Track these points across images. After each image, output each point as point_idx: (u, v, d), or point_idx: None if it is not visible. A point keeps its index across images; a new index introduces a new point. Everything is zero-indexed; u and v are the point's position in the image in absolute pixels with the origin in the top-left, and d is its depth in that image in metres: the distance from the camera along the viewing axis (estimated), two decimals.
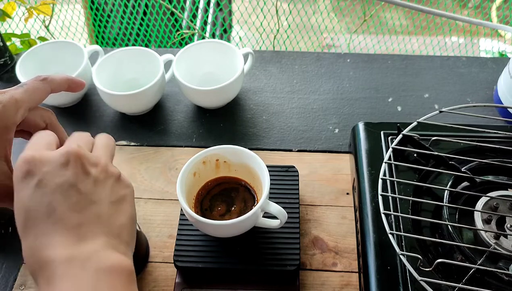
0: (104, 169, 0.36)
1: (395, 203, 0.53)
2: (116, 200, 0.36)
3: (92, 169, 0.36)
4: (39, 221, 0.33)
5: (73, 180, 0.34)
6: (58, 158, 0.34)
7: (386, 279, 0.48)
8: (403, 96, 0.76)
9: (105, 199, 0.35)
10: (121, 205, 0.36)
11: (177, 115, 0.74)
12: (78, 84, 0.44)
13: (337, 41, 1.51)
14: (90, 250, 0.32)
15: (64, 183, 0.34)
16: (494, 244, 0.47)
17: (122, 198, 0.37)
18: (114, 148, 0.41)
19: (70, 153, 0.35)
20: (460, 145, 0.56)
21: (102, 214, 0.35)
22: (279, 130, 0.72)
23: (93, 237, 0.33)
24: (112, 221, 0.35)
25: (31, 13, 0.89)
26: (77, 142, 0.36)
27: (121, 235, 0.35)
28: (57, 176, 0.34)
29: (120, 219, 0.36)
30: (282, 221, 0.51)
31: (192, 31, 1.23)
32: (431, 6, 0.96)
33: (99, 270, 0.32)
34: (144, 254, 0.57)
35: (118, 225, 0.35)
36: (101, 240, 0.33)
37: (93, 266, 0.32)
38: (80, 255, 0.32)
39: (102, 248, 0.33)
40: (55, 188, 0.33)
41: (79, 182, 0.34)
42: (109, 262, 0.33)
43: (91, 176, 0.35)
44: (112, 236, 0.35)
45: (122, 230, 0.36)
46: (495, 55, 1.40)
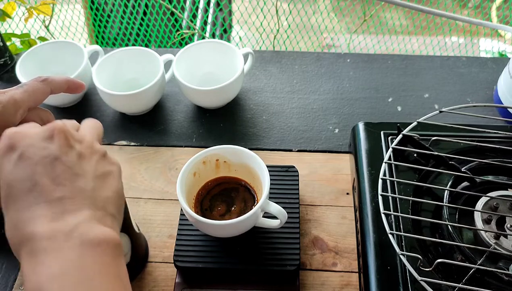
0: (89, 145, 0.36)
1: (395, 203, 0.53)
2: (101, 174, 0.35)
3: (77, 144, 0.35)
4: (21, 195, 0.32)
5: (57, 153, 0.33)
6: (41, 132, 0.34)
7: (386, 279, 0.48)
8: (403, 96, 0.76)
9: (90, 172, 0.34)
10: (107, 179, 0.36)
11: (177, 115, 0.74)
12: (77, 85, 0.44)
13: (337, 41, 1.51)
14: (73, 223, 0.32)
15: (47, 155, 0.33)
16: (494, 244, 0.47)
17: (108, 173, 0.36)
18: (101, 130, 0.40)
19: (54, 127, 0.34)
20: (460, 145, 0.56)
21: (86, 187, 0.34)
22: (279, 130, 0.72)
23: (76, 210, 0.32)
24: (97, 194, 0.34)
25: (31, 13, 0.89)
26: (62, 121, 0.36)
27: (106, 208, 0.34)
28: (40, 148, 0.33)
29: (105, 192, 0.35)
30: (282, 221, 0.51)
31: (192, 31, 1.23)
32: (431, 6, 0.96)
33: (83, 242, 0.31)
34: (144, 255, 0.57)
35: (103, 197, 0.34)
36: (85, 213, 0.33)
37: (77, 239, 0.31)
38: (63, 228, 0.31)
39: (86, 220, 0.32)
40: (38, 161, 0.33)
41: (63, 154, 0.33)
42: (93, 234, 0.32)
43: (75, 150, 0.34)
44: (96, 208, 0.34)
45: (108, 203, 0.35)
46: (495, 55, 1.40)
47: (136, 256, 0.54)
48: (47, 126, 0.34)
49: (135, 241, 0.53)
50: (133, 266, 0.55)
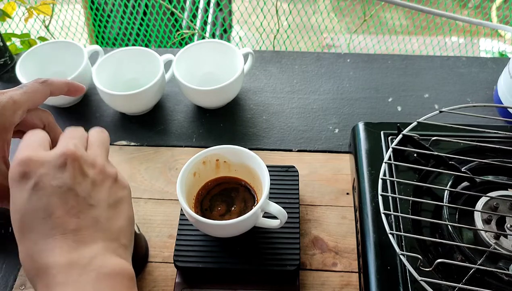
0: (102, 170, 0.36)
1: (395, 203, 0.53)
2: (114, 202, 0.36)
3: (90, 170, 0.35)
4: (36, 226, 0.32)
5: (71, 183, 0.33)
6: (55, 159, 0.34)
7: (386, 279, 0.48)
8: (403, 96, 0.76)
9: (103, 201, 0.35)
10: (119, 207, 0.36)
11: (177, 115, 0.74)
12: (77, 88, 0.44)
13: (337, 41, 1.51)
14: (89, 255, 0.32)
15: (61, 185, 0.33)
16: (494, 244, 0.46)
17: (120, 200, 0.36)
18: (108, 142, 0.40)
19: (67, 154, 0.34)
20: (460, 145, 0.56)
21: (100, 218, 0.34)
22: (279, 130, 0.72)
23: (91, 241, 0.33)
24: (111, 225, 0.35)
25: (31, 13, 0.89)
26: (73, 141, 0.36)
27: (120, 238, 0.35)
28: (54, 178, 0.33)
29: (119, 222, 0.35)
30: (282, 221, 0.51)
31: (192, 31, 1.23)
32: (431, 6, 0.96)
33: (99, 275, 0.31)
34: (143, 256, 0.57)
35: (116, 228, 0.35)
36: (100, 245, 0.33)
37: (93, 272, 0.31)
38: (79, 261, 0.31)
39: (101, 252, 0.33)
40: (52, 191, 0.32)
41: (77, 184, 0.33)
42: (109, 266, 0.32)
43: (89, 178, 0.34)
44: (110, 240, 0.34)
45: (121, 233, 0.35)
46: (495, 55, 1.40)
47: (136, 257, 0.54)
48: (59, 151, 0.34)
49: (135, 242, 0.53)
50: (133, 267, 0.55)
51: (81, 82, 0.73)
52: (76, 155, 0.34)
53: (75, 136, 0.37)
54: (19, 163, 0.33)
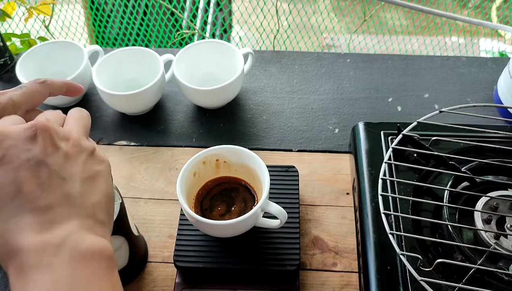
0: (76, 143, 0.34)
1: (395, 203, 0.53)
2: (89, 177, 0.33)
3: (62, 143, 0.33)
4: (3, 202, 0.30)
5: (41, 155, 0.31)
6: (24, 131, 0.31)
7: (386, 279, 0.48)
8: (403, 96, 0.76)
9: (77, 175, 0.32)
10: (95, 182, 0.34)
11: (177, 115, 0.74)
12: (76, 89, 0.43)
13: (337, 41, 1.51)
14: (62, 234, 0.30)
15: (31, 158, 0.31)
16: (494, 244, 0.46)
17: (96, 174, 0.34)
18: (88, 120, 0.38)
19: (37, 126, 0.32)
20: (460, 145, 0.56)
21: (73, 192, 0.32)
22: (279, 130, 0.72)
23: (65, 219, 0.30)
24: (85, 200, 0.32)
25: (31, 13, 0.89)
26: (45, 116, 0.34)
27: (96, 214, 0.32)
28: (23, 150, 0.31)
29: (94, 197, 0.33)
30: (282, 221, 0.51)
31: (192, 31, 1.23)
32: (431, 6, 0.96)
33: (74, 256, 0.29)
34: (143, 257, 0.57)
35: (92, 203, 0.32)
36: (75, 222, 0.31)
37: (67, 253, 0.29)
38: (52, 241, 0.29)
39: (76, 230, 0.30)
40: (21, 164, 0.30)
41: (48, 157, 0.31)
42: (84, 246, 0.30)
43: (61, 150, 0.32)
44: (86, 216, 0.32)
45: (97, 209, 0.33)
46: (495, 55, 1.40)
47: (135, 259, 0.54)
48: (29, 123, 0.32)
49: (134, 244, 0.53)
50: (132, 268, 0.55)
51: (81, 82, 0.73)
52: (47, 126, 0.32)
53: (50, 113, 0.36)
54: None
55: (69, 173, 0.32)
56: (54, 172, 0.31)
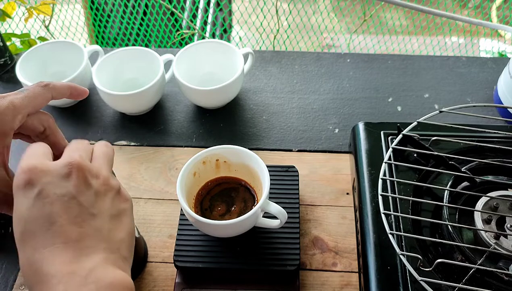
0: (106, 182, 0.36)
1: (395, 203, 0.53)
2: (116, 214, 0.36)
3: (94, 180, 0.35)
4: (38, 233, 0.32)
5: (74, 192, 0.33)
6: (60, 169, 0.34)
7: (386, 279, 0.48)
8: (403, 96, 0.76)
9: (106, 212, 0.35)
10: (121, 219, 0.36)
11: (177, 115, 0.74)
12: (80, 92, 0.43)
13: (337, 41, 1.51)
14: (90, 266, 0.32)
15: (65, 194, 0.33)
16: (494, 244, 0.46)
17: (122, 212, 0.37)
18: (113, 156, 0.40)
19: (72, 164, 0.34)
20: (460, 145, 0.56)
21: (102, 228, 0.34)
22: (279, 130, 0.72)
23: (92, 252, 0.33)
24: (112, 236, 0.35)
25: (31, 13, 0.89)
26: (78, 153, 0.36)
27: (120, 250, 0.35)
28: (58, 187, 0.33)
29: (120, 234, 0.35)
30: (282, 221, 0.51)
31: (192, 31, 1.23)
32: (431, 6, 0.96)
33: (99, 287, 0.31)
34: (143, 258, 0.57)
35: (117, 240, 0.35)
36: (101, 256, 0.33)
37: (93, 284, 0.31)
38: (80, 271, 0.31)
39: (101, 264, 0.32)
40: (56, 199, 0.33)
41: (80, 194, 0.34)
42: (109, 278, 0.32)
43: (92, 189, 0.35)
44: (111, 251, 0.34)
45: (121, 245, 0.35)
46: (495, 55, 1.40)
47: (135, 260, 0.54)
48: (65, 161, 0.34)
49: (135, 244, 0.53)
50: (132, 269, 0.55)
51: (81, 82, 0.73)
52: (81, 165, 0.34)
53: (80, 148, 0.37)
54: (24, 170, 0.33)
55: (98, 210, 0.34)
56: (85, 208, 0.34)
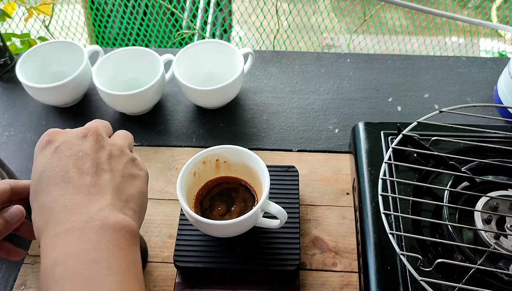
0: (120, 149, 0.39)
1: (395, 203, 0.53)
2: (129, 175, 0.38)
3: (108, 146, 0.39)
4: (51, 180, 0.35)
5: (89, 150, 0.37)
6: (78, 132, 0.38)
7: (386, 279, 0.48)
8: (403, 96, 0.76)
9: (118, 171, 0.38)
10: (133, 181, 0.39)
11: (177, 115, 0.74)
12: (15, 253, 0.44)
13: (337, 41, 1.51)
14: (97, 208, 0.34)
15: (80, 150, 0.37)
16: (494, 244, 0.46)
17: (135, 176, 0.39)
18: (132, 140, 0.43)
19: (89, 129, 0.39)
20: (460, 145, 0.56)
21: (112, 182, 0.36)
22: (279, 130, 0.72)
23: (101, 198, 0.35)
24: (122, 189, 0.37)
25: (31, 13, 0.89)
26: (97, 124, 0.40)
27: (129, 202, 0.37)
28: (74, 145, 0.37)
29: (130, 190, 0.38)
30: (282, 221, 0.51)
31: (192, 31, 1.23)
32: (431, 6, 0.96)
33: (103, 226, 0.33)
34: (143, 257, 0.57)
35: (127, 194, 0.37)
36: (108, 201, 0.35)
37: (98, 222, 0.33)
38: (88, 211, 0.34)
39: (109, 207, 0.35)
40: (71, 154, 0.36)
41: (93, 152, 0.37)
42: (114, 220, 0.34)
43: (106, 150, 0.38)
44: (119, 199, 0.36)
45: (131, 198, 0.37)
46: (495, 55, 1.40)
47: None
48: (83, 127, 0.39)
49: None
50: None
51: (81, 82, 0.73)
52: (98, 131, 0.39)
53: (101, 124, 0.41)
54: (46, 133, 0.38)
55: (110, 167, 0.37)
56: (98, 163, 0.37)
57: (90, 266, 0.31)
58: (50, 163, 0.36)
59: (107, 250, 0.32)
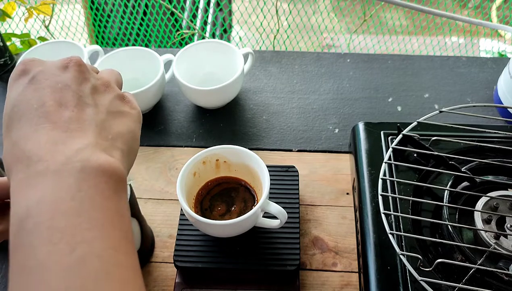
0: (106, 84, 0.34)
1: (395, 203, 0.53)
2: (116, 111, 0.33)
3: (92, 78, 0.33)
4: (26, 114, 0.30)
5: (69, 82, 0.32)
6: (57, 62, 0.33)
7: (386, 279, 0.48)
8: (403, 96, 0.76)
9: (103, 106, 0.32)
10: (121, 117, 0.33)
11: (177, 115, 0.74)
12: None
13: (337, 41, 1.51)
14: (76, 147, 0.29)
15: (58, 81, 0.31)
16: (494, 244, 0.47)
17: (124, 113, 0.34)
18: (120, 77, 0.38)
19: (71, 59, 0.33)
20: (460, 145, 0.56)
21: (96, 118, 0.31)
22: (279, 130, 0.72)
23: (83, 135, 0.30)
24: (107, 126, 0.32)
25: (31, 13, 0.89)
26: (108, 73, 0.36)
27: (115, 141, 0.32)
28: (53, 75, 0.32)
29: (118, 127, 0.33)
30: (282, 221, 0.51)
31: (192, 31, 1.23)
32: (431, 6, 0.96)
33: (84, 168, 0.28)
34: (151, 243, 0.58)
35: (114, 131, 0.32)
36: (91, 139, 0.30)
37: (78, 163, 0.28)
38: (64, 151, 0.28)
39: (91, 146, 0.29)
40: (48, 85, 0.31)
41: (75, 84, 0.32)
42: (96, 162, 0.29)
43: (90, 83, 0.33)
44: (104, 138, 0.31)
45: (118, 137, 0.32)
46: (495, 55, 1.40)
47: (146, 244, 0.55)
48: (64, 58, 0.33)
49: (144, 229, 0.54)
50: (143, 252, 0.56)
51: None
52: (80, 62, 0.33)
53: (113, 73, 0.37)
54: (21, 62, 0.32)
55: (94, 101, 0.32)
56: (79, 96, 0.32)
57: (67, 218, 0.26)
58: (24, 95, 0.30)
59: (88, 199, 0.27)
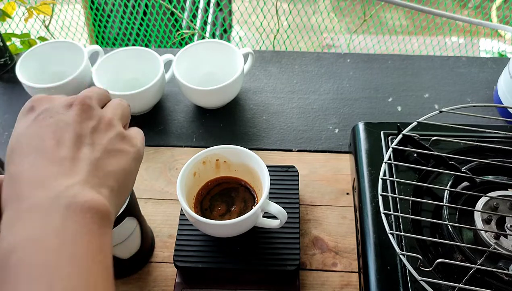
0: (108, 122, 0.35)
1: (395, 203, 0.53)
2: (112, 150, 0.34)
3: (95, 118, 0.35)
4: (25, 151, 0.32)
5: (71, 121, 0.33)
6: (64, 100, 0.35)
7: (386, 279, 0.48)
8: (403, 96, 0.76)
9: (100, 145, 0.34)
10: (117, 157, 0.34)
11: (177, 115, 0.74)
12: None
13: (337, 41, 1.51)
14: (66, 185, 0.30)
15: (61, 120, 0.33)
16: (494, 244, 0.46)
17: (120, 151, 0.35)
18: (128, 110, 0.39)
19: (76, 98, 0.35)
20: (460, 145, 0.56)
21: (91, 156, 0.33)
22: (279, 130, 0.72)
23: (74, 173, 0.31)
24: (100, 164, 0.33)
25: (31, 13, 0.89)
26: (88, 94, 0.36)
27: (107, 179, 0.33)
28: (57, 113, 0.33)
29: (111, 166, 0.33)
30: (282, 221, 0.51)
31: (192, 31, 1.23)
32: (431, 6, 0.96)
33: (70, 206, 0.29)
34: (151, 243, 0.58)
35: (107, 169, 0.33)
36: (80, 177, 0.31)
37: (64, 200, 0.29)
38: (55, 188, 0.30)
39: (80, 183, 0.30)
40: (51, 123, 0.33)
41: (77, 124, 0.33)
42: (82, 199, 0.30)
43: (91, 123, 0.34)
44: (94, 176, 0.32)
45: (110, 176, 0.33)
46: (495, 55, 1.40)
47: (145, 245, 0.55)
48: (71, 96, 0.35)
49: (145, 230, 0.54)
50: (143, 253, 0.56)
51: (81, 82, 0.73)
52: (85, 101, 0.35)
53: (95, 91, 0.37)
54: (31, 99, 0.35)
55: (93, 141, 0.33)
56: (79, 136, 0.33)
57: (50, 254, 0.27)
58: (27, 131, 0.32)
59: (71, 235, 0.28)
